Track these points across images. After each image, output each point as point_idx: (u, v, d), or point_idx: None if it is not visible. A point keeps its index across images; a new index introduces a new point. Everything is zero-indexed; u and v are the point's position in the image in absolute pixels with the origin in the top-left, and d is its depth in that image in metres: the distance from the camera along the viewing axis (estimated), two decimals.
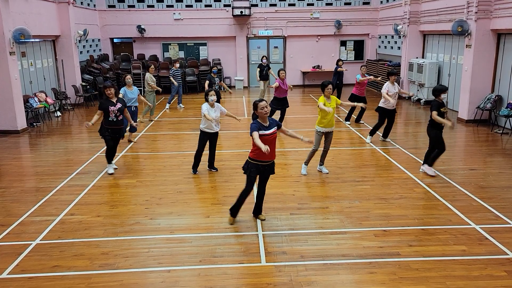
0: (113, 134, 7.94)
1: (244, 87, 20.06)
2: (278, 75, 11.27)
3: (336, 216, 6.15)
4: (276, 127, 5.68)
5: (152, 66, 12.63)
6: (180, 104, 15.01)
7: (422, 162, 8.08)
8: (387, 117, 9.88)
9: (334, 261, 4.96)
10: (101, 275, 4.75)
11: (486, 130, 11.29)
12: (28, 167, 8.78)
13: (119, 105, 7.82)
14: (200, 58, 19.98)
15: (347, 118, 12.32)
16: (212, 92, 7.61)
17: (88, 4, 18.15)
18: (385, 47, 19.06)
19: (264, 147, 5.20)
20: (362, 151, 9.50)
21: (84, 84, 15.85)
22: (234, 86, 20.14)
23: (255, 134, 5.42)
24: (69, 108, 14.97)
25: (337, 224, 5.92)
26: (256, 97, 17.63)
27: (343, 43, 20.38)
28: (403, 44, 16.30)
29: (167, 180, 7.77)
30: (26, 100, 12.42)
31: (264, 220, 6.04)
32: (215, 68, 12.84)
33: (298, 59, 20.24)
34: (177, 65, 14.38)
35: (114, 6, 19.32)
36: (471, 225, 5.82)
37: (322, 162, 8.03)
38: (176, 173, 8.14)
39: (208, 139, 7.91)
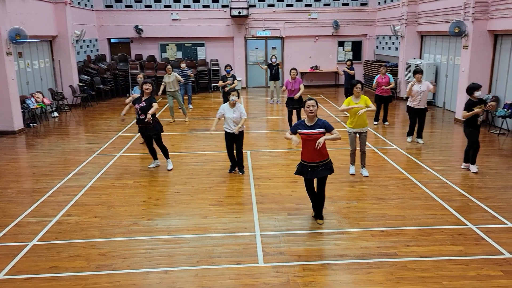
0: (140, 131, 8.19)
1: (242, 87, 20.04)
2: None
3: (333, 216, 6.15)
4: (323, 129, 5.59)
5: (169, 66, 12.51)
6: (190, 105, 14.99)
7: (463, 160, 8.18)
8: (415, 116, 9.88)
9: (331, 262, 4.96)
10: (98, 276, 4.74)
11: (483, 130, 11.29)
12: (25, 168, 8.76)
13: (142, 104, 7.85)
14: (198, 58, 19.96)
15: (376, 119, 12.25)
16: (234, 92, 7.66)
17: (85, 5, 18.11)
18: (383, 48, 19.09)
19: (294, 138, 5.60)
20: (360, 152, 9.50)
21: (81, 84, 15.82)
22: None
23: (287, 132, 5.77)
24: (66, 108, 14.93)
25: (335, 224, 5.92)
26: (256, 97, 17.68)
27: (341, 44, 20.40)
28: (401, 45, 16.33)
29: (164, 181, 7.76)
30: (22, 100, 12.38)
31: (321, 224, 5.91)
32: (228, 67, 12.79)
33: (296, 59, 20.23)
34: (183, 65, 14.35)
35: (111, 7, 19.29)
36: (467, 225, 5.83)
37: (363, 165, 7.96)
38: (173, 174, 8.13)
39: (231, 139, 7.84)
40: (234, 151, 8.00)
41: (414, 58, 15.76)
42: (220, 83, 12.47)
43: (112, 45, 20.16)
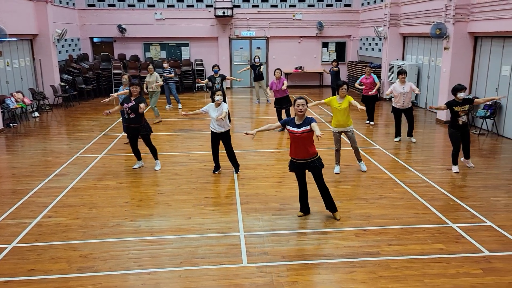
0: (127, 131, 8.13)
1: (227, 88, 20.00)
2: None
3: (317, 216, 6.18)
4: (308, 127, 5.66)
5: (151, 66, 12.43)
6: (173, 105, 14.89)
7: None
8: (401, 116, 10.09)
9: (315, 261, 4.99)
10: (80, 278, 4.67)
11: None
12: (4, 169, 8.59)
13: (132, 103, 7.80)
14: (182, 58, 19.86)
15: (371, 119, 12.37)
16: (219, 92, 7.65)
17: (67, 3, 17.86)
18: (366, 49, 19.28)
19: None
20: (343, 152, 9.56)
21: (63, 84, 15.59)
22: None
23: (278, 123, 5.91)
24: (47, 108, 14.69)
25: (318, 224, 5.96)
26: (240, 97, 17.67)
27: (325, 45, 20.53)
28: (384, 46, 16.51)
29: (148, 182, 7.70)
30: (2, 100, 12.15)
31: (338, 219, 6.04)
32: (216, 67, 12.72)
33: (281, 60, 20.28)
34: (165, 64, 14.25)
35: (94, 5, 19.05)
36: (448, 224, 5.92)
37: (358, 159, 8.13)
38: (157, 174, 8.07)
39: (217, 139, 7.84)
40: (227, 153, 8.00)
41: (397, 59, 15.95)
42: (206, 81, 12.37)
43: (94, 44, 19.91)
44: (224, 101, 11.99)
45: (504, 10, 10.15)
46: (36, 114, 13.72)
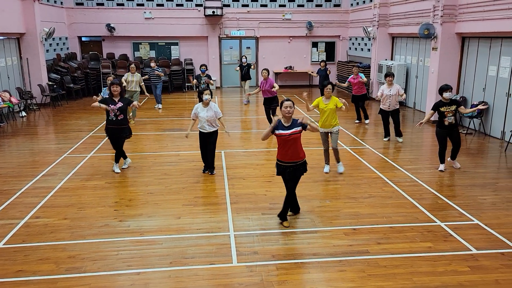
0: (112, 133, 7.88)
1: (217, 87, 19.98)
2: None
3: (307, 216, 6.20)
4: (299, 128, 5.64)
5: (133, 65, 12.41)
6: (159, 105, 14.78)
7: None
8: (388, 117, 10.15)
9: (305, 260, 5.00)
10: (68, 279, 4.63)
11: None
12: None
13: (120, 104, 7.70)
14: (172, 58, 19.77)
15: (366, 117, 12.43)
16: (207, 92, 7.60)
17: (55, 1, 17.67)
18: (356, 49, 19.39)
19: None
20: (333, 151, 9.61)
21: (50, 83, 15.42)
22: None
23: (267, 130, 5.66)
24: (35, 108, 14.53)
25: (308, 223, 5.97)
26: (230, 97, 17.64)
27: (315, 45, 20.60)
28: (373, 46, 16.62)
29: (137, 181, 7.65)
30: None
31: (290, 215, 6.09)
32: (203, 67, 12.62)
33: (271, 59, 20.32)
34: (153, 64, 14.16)
35: (82, 4, 18.88)
36: (436, 222, 5.98)
37: (337, 160, 8.07)
38: (146, 174, 8.03)
39: (205, 139, 7.80)
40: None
41: (386, 59, 16.06)
42: (194, 82, 12.33)
43: (83, 43, 19.74)
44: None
45: (491, 11, 10.28)
46: (24, 113, 13.55)
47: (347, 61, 19.95)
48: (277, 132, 5.64)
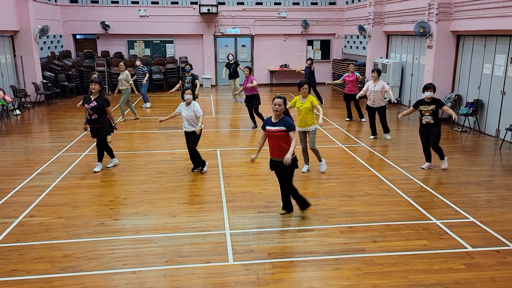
0: (91, 132, 7.89)
1: (212, 85, 19.94)
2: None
3: (302, 214, 6.20)
4: (283, 127, 5.63)
5: (121, 63, 12.37)
6: (147, 104, 14.69)
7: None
8: (374, 114, 10.14)
9: (301, 258, 5.00)
10: (63, 278, 4.60)
11: (447, 128, 11.67)
12: None
13: (93, 104, 7.65)
14: (167, 56, 19.70)
15: (361, 116, 12.39)
16: (188, 91, 7.62)
17: None
18: (351, 47, 19.40)
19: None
20: (329, 150, 9.63)
21: (45, 81, 15.32)
22: (202, 85, 19.99)
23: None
24: (29, 106, 14.43)
25: (304, 221, 5.97)
26: (224, 95, 17.60)
27: (310, 43, 20.60)
28: (368, 44, 16.64)
29: (132, 180, 7.62)
30: None
31: (282, 214, 6.14)
32: (187, 66, 12.55)
33: (266, 58, 20.31)
34: (138, 62, 14.06)
35: (76, 1, 18.76)
36: (432, 220, 6.00)
37: (319, 159, 8.00)
38: (142, 173, 7.99)
39: (187, 138, 7.83)
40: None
41: (381, 57, 16.09)
42: (180, 83, 12.23)
43: (77, 41, 19.63)
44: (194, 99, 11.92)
45: (485, 9, 10.32)
46: (18, 112, 13.46)
47: (342, 59, 19.96)
48: (265, 127, 5.77)
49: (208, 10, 18.78)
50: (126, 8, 18.98)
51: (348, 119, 12.51)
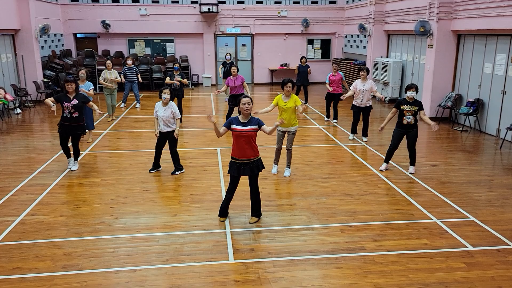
0: (65, 130, 7.74)
1: (212, 84, 19.95)
2: (228, 72, 11.17)
3: (303, 213, 6.21)
4: (255, 126, 5.64)
5: (109, 62, 12.35)
6: (137, 104, 14.52)
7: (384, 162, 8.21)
8: (359, 114, 9.98)
9: (301, 257, 5.01)
10: (64, 276, 4.62)
11: (447, 127, 11.68)
12: None
13: (74, 102, 7.59)
14: (167, 54, 19.71)
15: (335, 117, 12.33)
16: (166, 90, 7.50)
17: None
18: (351, 46, 19.40)
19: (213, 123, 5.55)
20: (329, 149, 9.64)
21: (46, 80, 15.33)
22: (202, 84, 20.01)
23: (223, 127, 5.64)
24: (30, 105, 14.44)
25: (304, 220, 5.98)
26: (224, 94, 17.58)
27: (310, 42, 20.60)
28: (368, 43, 16.64)
29: (133, 179, 7.63)
30: None
31: (252, 223, 5.90)
32: (177, 65, 12.54)
33: (266, 57, 20.32)
34: (129, 61, 13.99)
35: (77, 0, 18.77)
36: (432, 219, 6.01)
37: (288, 164, 7.84)
38: (142, 171, 8.00)
39: (163, 138, 7.73)
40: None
41: (381, 57, 16.09)
42: (167, 80, 12.14)
43: (78, 40, 19.65)
44: (181, 97, 11.82)
45: (486, 8, 10.32)
46: (19, 110, 13.47)
47: (342, 58, 19.96)
48: (232, 127, 5.62)
49: (209, 9, 18.79)
50: (126, 7, 18.99)
51: (327, 119, 12.35)
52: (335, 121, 12.24)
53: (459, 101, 11.95)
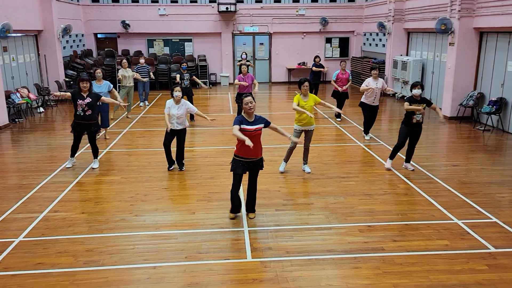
0: (78, 128, 7.89)
1: (230, 83, 20.00)
2: (240, 70, 11.23)
3: (321, 212, 6.19)
4: (262, 125, 5.69)
5: (125, 61, 12.58)
6: (146, 102, 14.84)
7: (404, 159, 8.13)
8: (369, 112, 9.92)
9: (319, 257, 4.99)
10: (86, 272, 4.71)
11: (469, 127, 11.48)
12: (11, 164, 8.63)
13: (88, 100, 7.71)
14: (186, 54, 19.86)
15: (338, 115, 12.31)
16: (177, 88, 7.58)
17: None
18: (370, 44, 19.21)
19: (247, 140, 5.21)
20: (347, 148, 9.58)
21: (67, 79, 15.62)
22: (220, 83, 20.09)
23: (235, 127, 5.48)
24: (52, 104, 14.74)
25: (322, 220, 5.96)
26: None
27: (329, 40, 20.48)
28: (388, 41, 16.45)
29: (152, 177, 7.72)
30: (8, 95, 12.18)
31: (252, 218, 6.01)
32: (184, 64, 12.61)
33: (284, 55, 20.28)
34: (142, 60, 14.22)
35: (98, 1, 19.06)
36: (453, 220, 5.92)
37: (305, 161, 7.94)
38: (161, 170, 8.09)
39: (173, 135, 7.81)
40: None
41: (401, 55, 15.89)
42: (178, 77, 12.19)
43: (98, 40, 19.95)
44: (190, 98, 11.88)
45: (510, 5, 10.08)
46: (41, 109, 13.76)
47: (361, 57, 19.78)
48: (242, 126, 5.54)
49: (227, 8, 18.84)
50: (146, 7, 19.20)
51: (339, 119, 12.26)
52: (339, 119, 12.19)
53: (481, 100, 11.72)
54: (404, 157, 8.07)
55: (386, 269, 4.74)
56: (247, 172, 5.81)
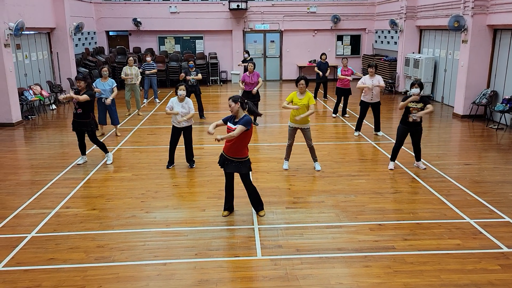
0: (74, 126, 8.00)
1: (229, 80, 19.99)
2: (246, 69, 11.25)
3: (331, 210, 6.17)
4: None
5: (131, 58, 12.65)
6: (156, 99, 14.94)
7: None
8: (369, 110, 9.93)
9: (329, 255, 4.98)
10: (97, 267, 4.75)
11: (482, 125, 11.34)
12: (23, 160, 8.74)
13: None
14: (197, 51, 19.90)
15: (335, 111, 12.36)
16: (182, 87, 7.60)
17: None
18: (382, 42, 19.06)
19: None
20: (357, 146, 9.53)
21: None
22: (231, 80, 20.10)
23: (239, 127, 5.51)
24: (64, 101, 14.86)
25: (333, 218, 5.94)
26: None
27: (340, 38, 20.36)
28: (400, 39, 16.30)
29: (162, 174, 7.76)
30: (21, 92, 12.34)
31: (262, 216, 5.96)
32: (191, 62, 12.61)
33: (295, 53, 20.21)
34: (148, 58, 14.30)
35: None
36: (465, 219, 5.85)
37: (314, 159, 7.92)
38: (171, 167, 8.12)
39: (178, 134, 7.87)
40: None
41: (413, 52, 15.74)
42: (182, 75, 12.20)
43: (110, 37, 20.07)
44: (199, 94, 11.88)
45: None
46: (54, 106, 13.91)
47: (372, 54, 19.64)
48: (228, 124, 5.67)
49: (238, 6, 18.82)
50: (157, 5, 19.27)
51: (348, 115, 12.27)
52: (346, 116, 12.18)
53: (495, 98, 11.57)
54: (414, 155, 7.99)
55: (397, 268, 4.71)
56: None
